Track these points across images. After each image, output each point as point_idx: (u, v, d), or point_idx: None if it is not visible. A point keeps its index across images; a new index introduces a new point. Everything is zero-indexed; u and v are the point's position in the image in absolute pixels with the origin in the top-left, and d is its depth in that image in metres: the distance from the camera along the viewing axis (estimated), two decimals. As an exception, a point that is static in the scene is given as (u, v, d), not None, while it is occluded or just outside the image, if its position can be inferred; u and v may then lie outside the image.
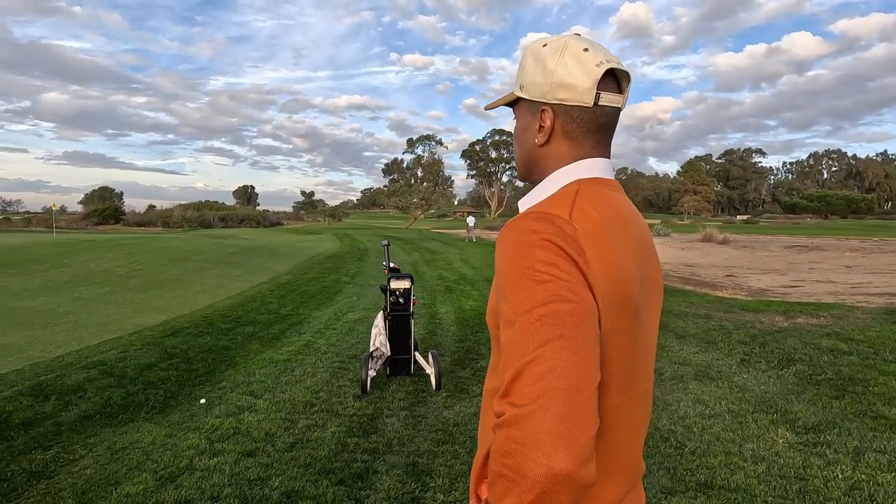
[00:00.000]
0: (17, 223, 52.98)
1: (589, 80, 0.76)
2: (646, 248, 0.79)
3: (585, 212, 0.70)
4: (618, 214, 0.74)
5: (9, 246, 15.24)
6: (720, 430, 3.32)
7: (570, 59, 0.76)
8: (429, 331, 6.25)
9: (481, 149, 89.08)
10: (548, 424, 0.54)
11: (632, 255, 0.72)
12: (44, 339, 5.64)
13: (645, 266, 0.76)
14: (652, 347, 0.81)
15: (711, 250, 21.63)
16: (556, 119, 0.79)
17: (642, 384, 0.78)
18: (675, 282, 11.33)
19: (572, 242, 0.66)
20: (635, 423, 0.78)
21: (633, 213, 0.80)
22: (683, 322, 6.65)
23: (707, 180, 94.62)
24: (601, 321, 0.66)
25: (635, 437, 0.79)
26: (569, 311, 0.60)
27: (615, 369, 0.70)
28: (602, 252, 0.67)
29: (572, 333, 0.59)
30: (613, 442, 0.73)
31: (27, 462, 2.90)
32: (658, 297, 0.83)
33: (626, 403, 0.74)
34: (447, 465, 2.88)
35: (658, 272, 0.83)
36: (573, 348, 0.58)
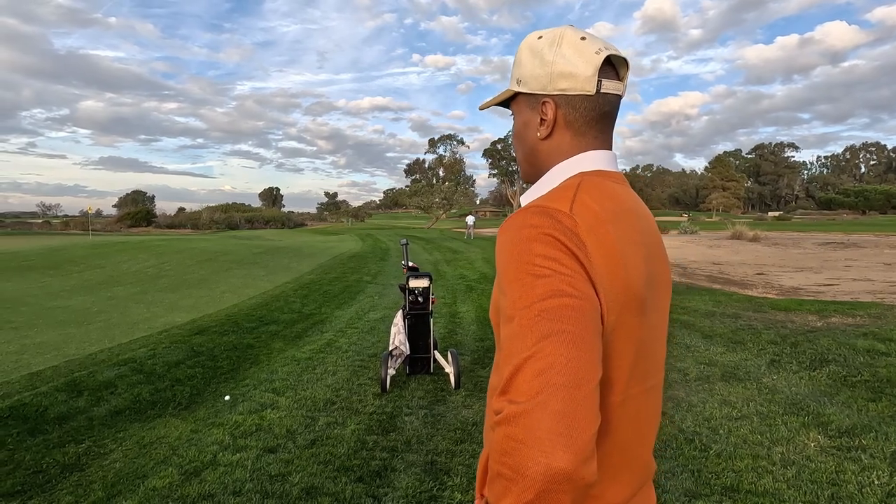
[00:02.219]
0: (56, 226, 55.26)
1: (590, 68, 0.74)
2: (653, 243, 0.76)
3: (587, 205, 0.68)
4: (621, 207, 0.72)
5: (48, 248, 15.90)
6: (747, 433, 3.22)
7: (569, 48, 0.75)
8: (449, 330, 6.25)
9: (503, 147, 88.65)
10: (547, 422, 0.52)
11: (636, 249, 0.70)
12: (78, 337, 5.86)
13: (651, 261, 0.74)
14: (661, 344, 0.79)
15: (741, 248, 21.01)
16: (559, 110, 0.77)
17: (648, 381, 0.75)
18: (703, 280, 11.05)
19: (573, 236, 0.64)
20: (642, 421, 0.75)
21: (639, 206, 0.78)
22: (710, 321, 6.47)
23: (736, 176, 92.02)
24: (604, 316, 0.64)
25: (643, 435, 0.76)
26: (569, 305, 0.59)
27: (619, 365, 0.69)
28: (604, 246, 0.66)
29: (572, 328, 0.57)
30: (618, 440, 0.71)
31: (61, 455, 3.02)
32: (666, 293, 0.80)
33: (631, 400, 0.72)
34: (465, 465, 2.87)
35: (666, 268, 0.80)
36: (573, 343, 0.56)
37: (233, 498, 2.54)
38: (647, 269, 0.71)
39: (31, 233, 38.13)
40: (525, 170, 0.85)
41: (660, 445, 3.06)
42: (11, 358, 4.93)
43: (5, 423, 3.43)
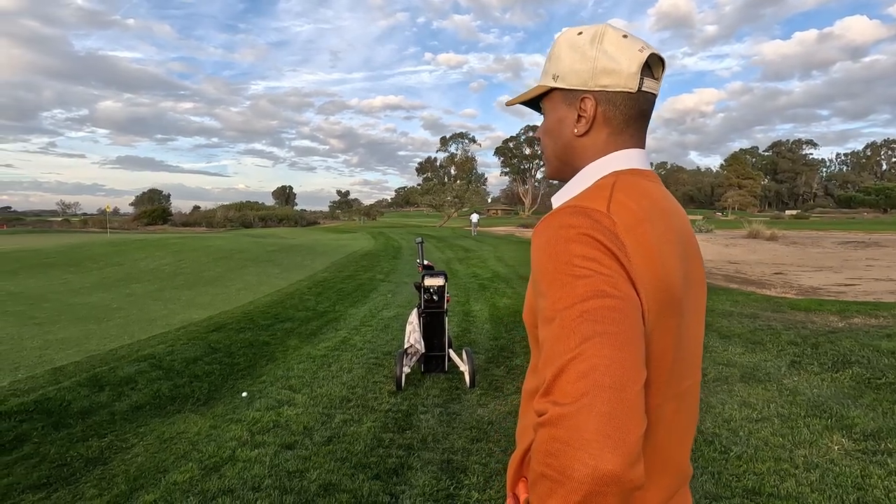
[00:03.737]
0: (75, 224, 56.36)
1: (633, 65, 0.73)
2: (688, 242, 0.75)
3: (624, 204, 0.68)
4: (657, 206, 0.72)
5: (68, 246, 16.22)
6: (768, 435, 3.17)
7: (611, 45, 0.74)
8: (463, 328, 6.25)
9: (515, 146, 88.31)
10: (593, 423, 0.52)
11: (673, 249, 0.70)
12: (99, 334, 5.97)
13: (688, 260, 0.73)
14: (697, 344, 0.78)
15: (758, 247, 20.68)
16: (598, 107, 0.76)
17: (685, 382, 0.75)
18: (719, 280, 10.90)
19: (611, 236, 0.64)
20: (680, 423, 0.74)
21: (674, 205, 0.77)
22: (728, 321, 6.38)
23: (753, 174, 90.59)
24: (645, 316, 0.64)
25: (680, 437, 0.75)
26: (610, 306, 0.58)
27: (658, 366, 0.68)
28: (643, 245, 0.65)
29: (615, 329, 0.57)
30: (656, 442, 0.70)
31: (84, 449, 3.07)
32: (701, 293, 0.79)
33: (669, 402, 0.71)
34: (482, 463, 2.86)
35: (700, 268, 0.79)
36: (617, 345, 0.56)
37: (252, 493, 2.57)
38: (683, 268, 0.70)
39: (51, 231, 38.95)
40: (556, 167, 0.83)
41: (679, 447, 3.03)
42: (35, 353, 5.04)
43: (31, 416, 3.50)
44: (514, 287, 9.86)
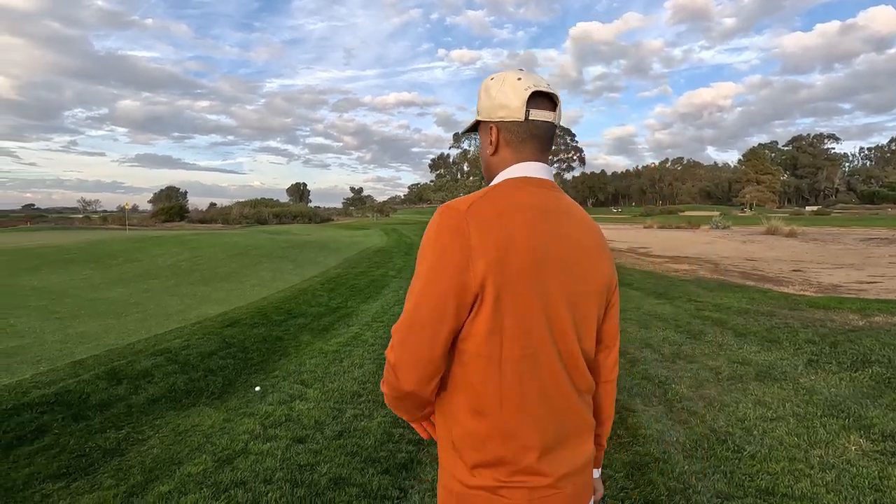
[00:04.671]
0: (95, 221, 57.54)
1: (518, 101, 0.97)
2: (559, 233, 0.93)
3: (481, 205, 0.91)
4: (518, 206, 0.92)
5: (89, 242, 16.57)
6: (783, 435, 3.12)
7: (507, 86, 0.98)
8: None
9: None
10: (395, 353, 0.90)
11: (526, 235, 0.89)
12: (117, 328, 6.10)
13: (552, 246, 0.91)
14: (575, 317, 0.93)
15: (776, 244, 20.30)
16: (500, 133, 1.00)
17: (563, 344, 0.92)
18: (735, 277, 10.73)
19: (462, 226, 0.88)
20: (553, 376, 0.92)
21: (552, 205, 0.95)
22: (743, 319, 6.28)
23: (772, 169, 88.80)
24: (485, 286, 0.86)
25: (562, 391, 0.93)
26: (436, 279, 0.88)
27: (514, 325, 0.88)
28: (487, 237, 0.87)
29: (430, 295, 0.88)
30: (524, 389, 0.89)
31: (102, 440, 3.15)
32: (576, 277, 0.94)
33: (537, 356, 0.89)
34: (491, 459, 2.87)
35: (584, 255, 0.96)
36: (425, 304, 0.88)
37: (264, 486, 2.60)
38: (540, 251, 0.89)
39: (72, 228, 39.82)
40: (486, 177, 1.07)
41: (690, 445, 3.00)
42: (56, 346, 5.17)
43: (52, 408, 3.59)
44: (527, 284, 9.82)
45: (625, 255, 16.29)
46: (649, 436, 3.13)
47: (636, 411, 3.52)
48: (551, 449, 0.90)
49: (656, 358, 4.80)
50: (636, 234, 29.75)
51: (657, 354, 4.91)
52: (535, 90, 0.97)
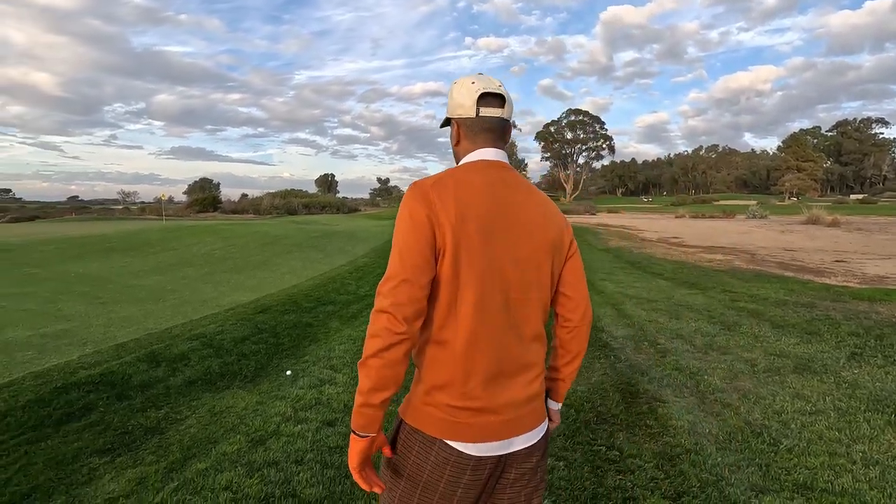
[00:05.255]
0: (134, 212, 59.85)
1: (470, 101, 1.17)
2: (506, 202, 1.13)
3: (443, 181, 1.12)
4: (472, 182, 1.12)
5: (128, 232, 17.24)
6: (823, 429, 3.01)
7: (463, 89, 1.19)
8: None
9: (556, 130, 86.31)
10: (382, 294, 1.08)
11: (478, 203, 1.09)
12: (156, 313, 6.34)
13: (500, 213, 1.11)
14: (521, 275, 1.12)
15: (817, 233, 19.45)
16: (460, 128, 1.21)
17: (511, 293, 1.11)
18: (772, 267, 10.35)
19: (427, 197, 1.09)
20: (507, 322, 1.10)
21: (500, 181, 1.15)
22: (781, 310, 6.06)
23: (814, 156, 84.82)
24: (447, 245, 1.06)
25: (507, 334, 1.10)
26: (410, 241, 1.06)
27: (470, 272, 1.07)
28: (446, 203, 1.08)
29: (405, 254, 1.06)
30: (475, 328, 1.07)
31: (144, 419, 3.29)
32: (522, 238, 1.13)
33: (486, 303, 1.08)
34: (518, 446, 2.87)
35: (529, 220, 1.14)
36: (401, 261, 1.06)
37: (295, 466, 2.68)
38: (486, 218, 1.09)
39: (113, 218, 41.50)
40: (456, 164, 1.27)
41: (724, 437, 2.93)
42: (100, 330, 5.42)
43: (97, 388, 3.78)
44: (554, 273, 9.73)
45: (655, 244, 15.91)
46: (680, 427, 3.07)
47: (666, 402, 3.45)
48: (494, 380, 1.08)
49: (688, 349, 4.69)
50: (667, 223, 28.99)
51: (689, 345, 4.80)
52: (484, 91, 1.17)
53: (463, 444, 1.07)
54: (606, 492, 2.40)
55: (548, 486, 2.45)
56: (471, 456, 1.07)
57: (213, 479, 2.53)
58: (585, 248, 14.77)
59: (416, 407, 1.12)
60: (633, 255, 12.94)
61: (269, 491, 2.42)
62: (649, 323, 5.65)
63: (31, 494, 2.45)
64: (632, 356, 4.49)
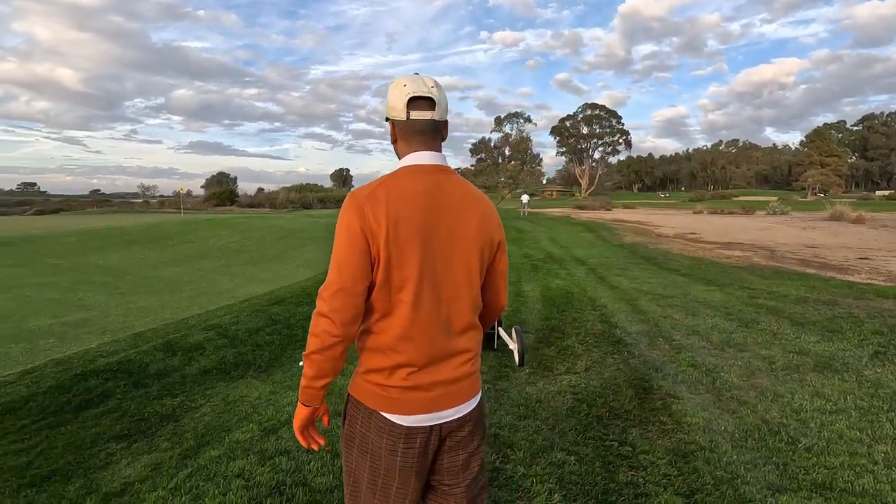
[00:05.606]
0: (153, 205, 60.92)
1: (401, 104, 1.24)
2: (437, 210, 1.21)
3: (377, 191, 1.19)
4: (404, 190, 1.19)
5: (147, 225, 17.55)
6: (844, 428, 2.93)
7: (396, 91, 1.25)
8: (514, 308, 6.20)
9: (572, 125, 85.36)
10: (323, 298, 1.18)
11: (409, 214, 1.17)
12: (172, 304, 6.44)
13: (431, 221, 1.20)
14: (453, 274, 1.22)
15: (841, 230, 18.96)
16: (395, 128, 1.28)
17: (443, 292, 1.21)
18: (793, 264, 10.13)
19: (361, 208, 1.17)
20: (432, 315, 1.20)
21: (432, 188, 1.21)
22: (802, 308, 5.93)
23: (838, 151, 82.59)
24: (381, 252, 1.15)
25: (438, 328, 1.21)
26: (346, 250, 1.16)
27: (403, 277, 1.17)
28: (378, 214, 1.16)
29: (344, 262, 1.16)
30: (408, 324, 1.18)
31: (160, 406, 3.35)
32: (453, 243, 1.22)
33: (420, 301, 1.18)
34: (528, 440, 2.85)
35: (459, 226, 1.23)
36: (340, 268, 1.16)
37: (306, 455, 2.70)
38: (420, 224, 1.18)
39: (133, 211, 42.28)
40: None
41: (740, 435, 2.87)
42: (119, 319, 5.53)
43: (115, 375, 3.86)
44: (568, 268, 9.64)
45: (671, 240, 15.67)
46: (695, 424, 3.01)
47: (681, 398, 3.40)
48: (424, 367, 1.21)
49: (704, 345, 4.61)
50: (684, 219, 28.54)
51: (705, 342, 4.72)
52: (414, 95, 1.22)
53: (395, 416, 1.21)
54: (618, 487, 2.38)
55: (558, 480, 2.43)
56: (403, 426, 1.21)
57: (226, 466, 2.56)
58: (599, 244, 14.61)
59: (359, 384, 1.26)
60: (648, 250, 12.76)
61: (280, 479, 2.44)
62: (664, 319, 5.57)
63: (50, 477, 2.51)
64: (646, 352, 4.43)
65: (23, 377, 3.78)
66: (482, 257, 1.27)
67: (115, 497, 2.34)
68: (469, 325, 1.27)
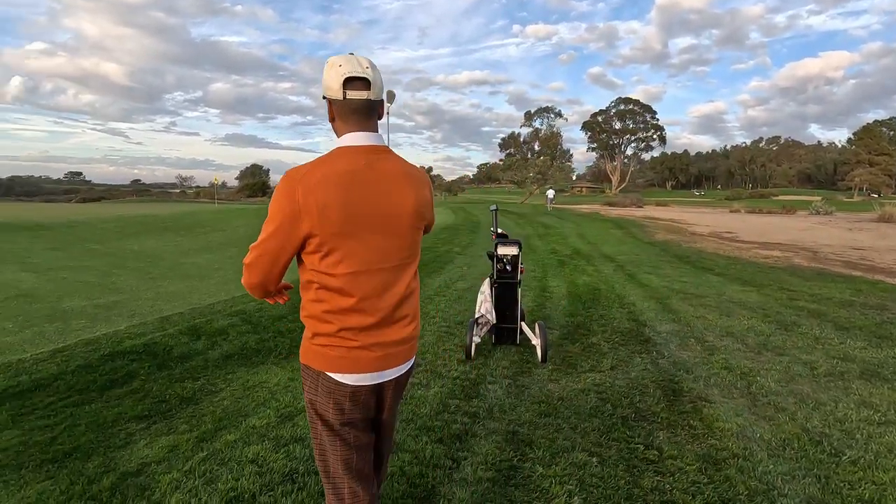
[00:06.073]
0: (189, 196, 62.86)
1: (337, 84, 1.28)
2: (368, 189, 1.28)
3: (311, 171, 1.25)
4: (337, 172, 1.25)
5: (182, 213, 18.07)
6: (894, 441, 2.71)
7: (332, 71, 1.28)
8: (538, 303, 6.06)
9: (604, 120, 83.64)
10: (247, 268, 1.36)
11: (341, 195, 1.24)
12: (201, 290, 6.57)
13: (362, 200, 1.27)
14: (387, 249, 1.32)
15: (890, 232, 17.94)
16: (332, 107, 1.32)
17: (378, 264, 1.31)
18: (837, 266, 9.60)
19: (293, 189, 1.24)
20: (371, 285, 1.30)
21: (365, 168, 1.28)
22: (847, 312, 5.58)
23: (889, 149, 78.23)
24: (312, 231, 1.24)
25: (380, 294, 1.31)
26: (275, 227, 1.27)
27: (338, 251, 1.26)
28: (310, 195, 1.22)
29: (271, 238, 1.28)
30: (349, 293, 1.28)
31: (181, 389, 3.38)
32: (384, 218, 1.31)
33: (358, 275, 1.28)
34: (548, 438, 2.74)
35: (391, 203, 1.31)
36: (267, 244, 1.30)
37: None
38: (347, 205, 1.25)
39: (170, 200, 43.72)
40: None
41: (777, 443, 2.69)
42: (148, 303, 5.66)
43: (140, 357, 3.93)
44: (596, 265, 9.40)
45: (706, 239, 15.12)
46: (727, 430, 2.84)
47: (713, 402, 3.22)
48: (366, 331, 1.31)
49: (739, 348, 4.38)
50: (720, 218, 27.55)
51: (740, 344, 4.48)
52: (350, 75, 1.26)
53: (340, 376, 1.32)
54: (643, 493, 2.25)
55: (579, 482, 2.32)
56: (348, 384, 1.33)
57: (241, 451, 2.55)
58: (629, 241, 14.22)
59: (307, 348, 1.37)
60: (681, 248, 12.34)
61: (293, 466, 2.41)
62: (697, 319, 5.33)
63: (72, 454, 2.55)
64: (676, 353, 4.24)
65: (54, 355, 3.89)
66: (415, 229, 1.38)
67: (132, 477, 2.36)
68: (409, 292, 1.38)
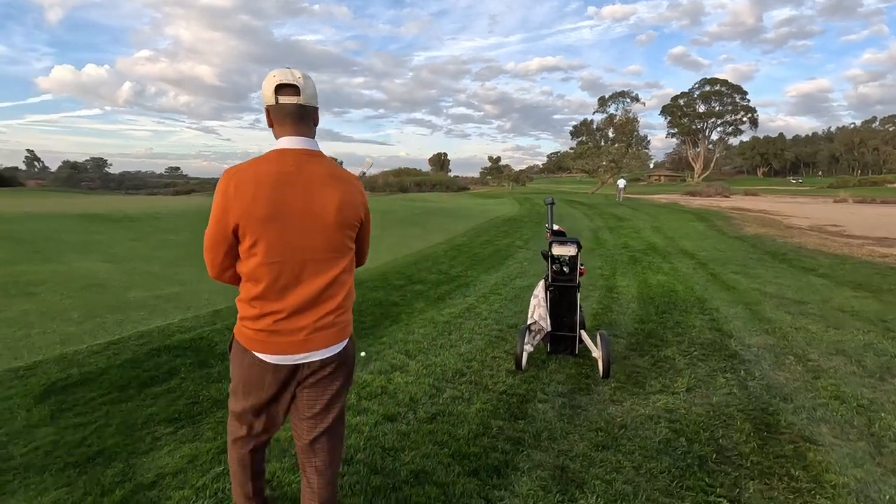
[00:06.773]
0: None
1: (270, 91, 1.52)
2: (294, 189, 1.47)
3: (243, 169, 1.48)
4: (266, 172, 1.47)
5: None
6: None
7: (267, 82, 1.53)
8: (604, 306, 5.48)
9: (686, 103, 77.89)
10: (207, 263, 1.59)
11: (267, 193, 1.44)
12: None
13: (288, 198, 1.46)
14: (307, 245, 1.50)
15: None
16: (269, 114, 1.56)
17: (300, 256, 1.49)
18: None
19: (228, 186, 1.46)
20: (300, 278, 1.50)
21: (293, 170, 1.48)
22: None
23: None
24: (240, 224, 1.45)
25: (300, 283, 1.50)
26: (214, 222, 1.49)
27: (264, 245, 1.46)
28: (239, 193, 1.45)
29: (212, 230, 1.51)
30: (272, 279, 1.48)
31: (216, 391, 3.28)
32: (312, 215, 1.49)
33: (272, 265, 1.47)
34: (604, 480, 2.29)
35: (316, 202, 1.49)
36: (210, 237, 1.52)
37: (343, 466, 2.40)
38: (270, 207, 1.44)
39: (251, 193, 46.48)
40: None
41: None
42: (205, 296, 5.76)
43: (185, 353, 3.91)
44: (673, 262, 8.52)
45: (806, 233, 13.38)
46: (842, 484, 2.23)
47: (821, 444, 2.58)
48: (287, 317, 1.50)
49: (854, 371, 3.60)
50: (823, 208, 24.53)
51: (855, 366, 3.69)
52: (281, 83, 1.49)
53: (263, 355, 1.52)
54: (725, 570, 1.75)
55: (640, 546, 1.87)
56: (269, 363, 1.53)
57: (257, 469, 2.34)
58: (713, 236, 12.90)
59: (238, 327, 1.58)
60: (775, 244, 10.96)
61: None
62: (796, 331, 4.53)
63: (95, 458, 2.48)
64: (770, 373, 3.56)
65: (107, 348, 3.97)
66: (342, 228, 1.53)
67: (145, 490, 2.23)
68: (330, 282, 1.53)
